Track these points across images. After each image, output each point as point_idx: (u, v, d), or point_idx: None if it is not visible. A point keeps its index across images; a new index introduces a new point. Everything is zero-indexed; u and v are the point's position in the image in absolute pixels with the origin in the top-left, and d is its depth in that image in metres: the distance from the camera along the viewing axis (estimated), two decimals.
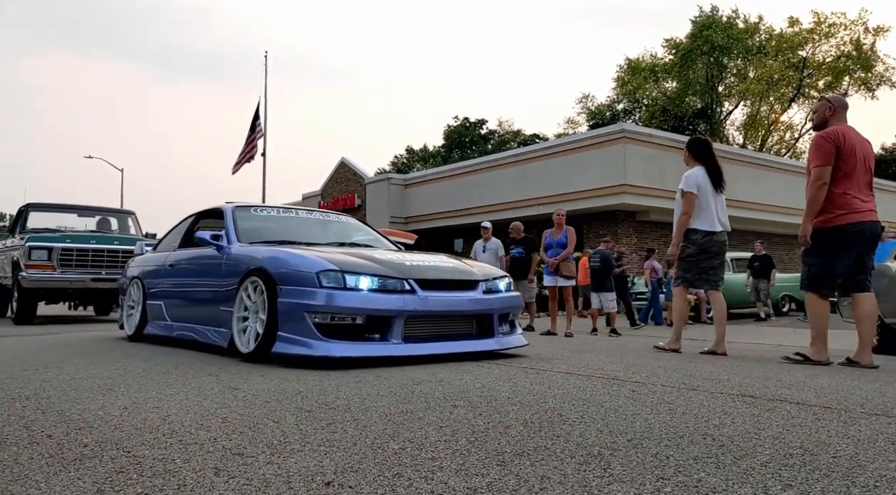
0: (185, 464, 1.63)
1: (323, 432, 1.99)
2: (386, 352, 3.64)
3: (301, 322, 3.59)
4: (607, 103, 37.87)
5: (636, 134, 16.76)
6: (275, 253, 4.07)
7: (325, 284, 3.59)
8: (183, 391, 2.79)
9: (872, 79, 31.30)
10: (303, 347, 3.57)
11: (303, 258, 3.82)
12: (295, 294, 3.65)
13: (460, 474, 1.55)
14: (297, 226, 5.27)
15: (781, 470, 1.59)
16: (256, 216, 5.19)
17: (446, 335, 3.97)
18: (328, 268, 3.66)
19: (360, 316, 3.63)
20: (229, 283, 4.26)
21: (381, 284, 3.72)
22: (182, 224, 5.90)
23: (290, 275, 3.72)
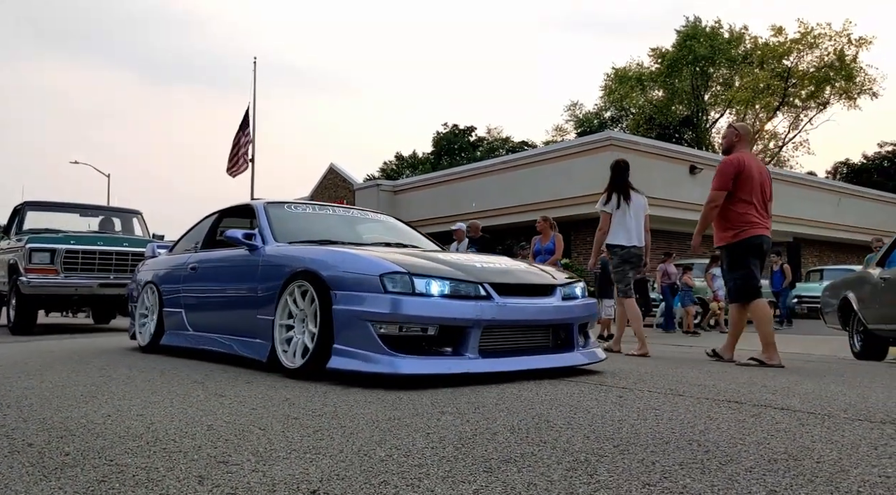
0: (168, 473, 1.61)
1: (309, 439, 1.98)
2: (462, 369, 3.12)
3: (362, 333, 3.11)
4: (595, 111, 38.13)
5: (623, 141, 16.88)
6: (327, 253, 3.57)
7: (391, 289, 3.12)
8: (168, 398, 2.76)
9: (854, 88, 31.74)
10: (365, 362, 3.08)
11: (363, 259, 3.35)
12: (355, 300, 3.16)
13: (447, 481, 1.54)
14: (335, 224, 4.76)
15: (766, 476, 1.60)
16: (291, 213, 4.62)
17: (523, 348, 3.48)
18: (394, 269, 3.18)
19: (433, 325, 3.14)
20: (268, 288, 3.76)
21: (453, 289, 3.23)
22: (202, 224, 5.33)
23: (349, 278, 3.24)
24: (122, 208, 10.79)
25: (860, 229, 20.43)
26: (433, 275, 3.24)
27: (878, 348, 6.28)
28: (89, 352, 5.12)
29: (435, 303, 3.16)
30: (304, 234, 4.26)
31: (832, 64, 31.44)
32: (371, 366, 3.06)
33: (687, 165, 16.72)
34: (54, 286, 8.21)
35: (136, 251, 8.60)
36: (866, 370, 4.39)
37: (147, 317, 5.32)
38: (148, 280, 5.44)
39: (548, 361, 3.47)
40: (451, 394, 2.87)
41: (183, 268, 4.91)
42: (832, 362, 5.17)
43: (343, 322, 3.18)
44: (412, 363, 3.07)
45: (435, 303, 3.16)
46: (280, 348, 3.56)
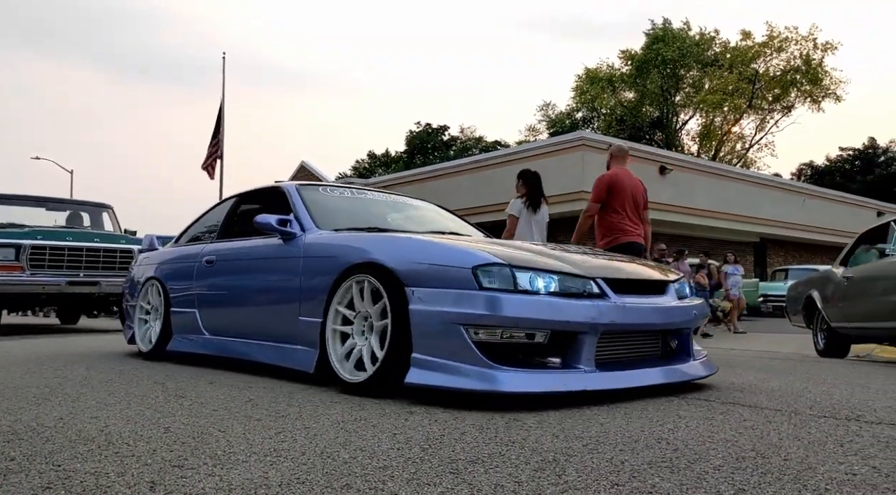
0: (119, 478, 1.53)
1: (271, 441, 1.92)
2: (578, 385, 2.54)
3: (452, 339, 2.53)
4: (567, 112, 38.42)
5: (595, 141, 17.01)
6: (396, 241, 2.98)
7: (488, 285, 2.53)
8: (125, 400, 2.66)
9: (818, 92, 32.49)
10: (455, 377, 2.50)
11: (448, 248, 2.77)
12: (439, 299, 2.59)
13: (412, 484, 1.49)
14: (376, 209, 4.20)
15: (734, 474, 1.59)
16: (327, 196, 4.00)
17: (633, 359, 2.92)
18: (490, 261, 2.59)
19: (543, 331, 2.56)
20: (314, 285, 3.15)
21: (562, 285, 2.65)
22: (215, 211, 4.66)
23: (430, 272, 2.67)
24: (91, 202, 10.17)
25: (824, 230, 20.91)
26: (538, 267, 2.65)
27: (841, 346, 6.41)
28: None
29: (544, 302, 2.56)
30: (345, 221, 3.66)
31: (798, 67, 32.15)
32: (463, 381, 2.48)
33: (657, 166, 16.91)
34: (20, 284, 7.73)
35: (107, 247, 8.21)
36: (830, 367, 4.46)
37: (149, 317, 4.66)
38: (150, 276, 4.70)
39: (668, 374, 2.89)
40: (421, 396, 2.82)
41: (195, 261, 4.23)
42: (797, 360, 5.24)
43: (424, 326, 2.60)
44: (517, 378, 2.47)
45: (544, 302, 2.56)
46: (334, 357, 2.95)
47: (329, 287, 3.03)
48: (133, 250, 8.48)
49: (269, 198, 4.15)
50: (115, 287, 8.24)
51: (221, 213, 4.50)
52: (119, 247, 8.37)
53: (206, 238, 4.49)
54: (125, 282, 5.35)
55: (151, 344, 4.47)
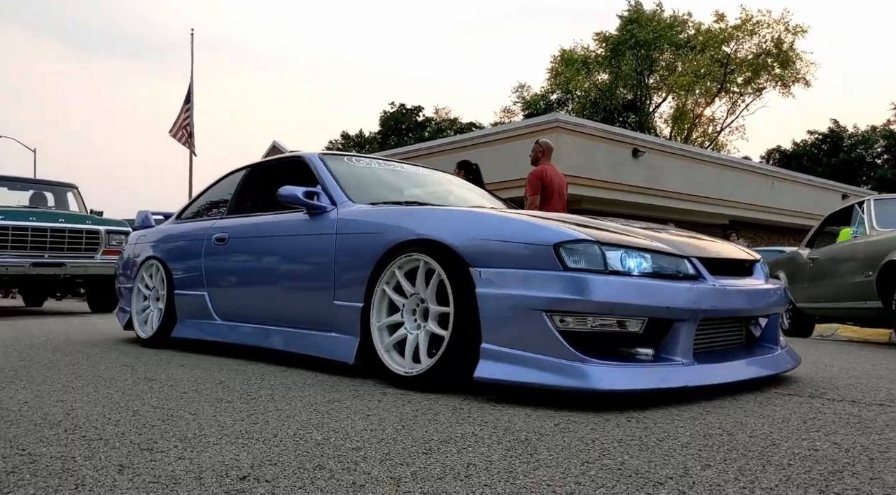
0: (86, 462, 1.51)
1: (243, 423, 1.90)
2: (679, 381, 2.21)
3: (531, 328, 2.20)
4: (542, 94, 38.39)
5: (570, 124, 17.05)
6: (457, 215, 2.64)
7: (574, 265, 2.20)
8: (93, 383, 2.62)
9: (788, 76, 32.93)
10: (537, 371, 2.17)
11: (522, 223, 2.41)
12: (514, 281, 2.26)
13: (384, 464, 1.50)
14: (408, 182, 3.86)
15: (701, 451, 1.62)
16: (354, 167, 3.63)
17: (719, 349, 2.58)
18: (576, 236, 2.25)
19: (639, 318, 2.23)
20: (353, 265, 2.84)
21: (656, 266, 2.31)
22: (223, 183, 4.26)
23: (501, 250, 2.33)
24: (55, 182, 9.88)
25: (792, 212, 21.32)
26: (628, 245, 2.31)
27: (805, 325, 6.57)
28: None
29: (640, 285, 2.24)
30: (378, 194, 3.34)
31: (769, 51, 32.52)
32: (547, 376, 2.15)
33: (630, 148, 17.04)
34: None
35: (73, 228, 8.03)
36: (794, 347, 4.57)
37: (148, 301, 4.29)
38: (149, 255, 4.30)
39: (760, 367, 2.60)
40: None
41: (203, 239, 3.86)
42: None
43: (495, 312, 2.28)
44: (610, 374, 2.13)
45: (640, 285, 2.24)
46: (382, 346, 2.64)
47: (372, 267, 2.72)
48: (100, 231, 8.33)
49: (286, 169, 3.82)
50: (81, 268, 8.10)
51: (230, 187, 4.10)
52: (85, 228, 8.22)
53: (213, 214, 4.13)
54: (118, 261, 4.96)
55: (153, 330, 4.09)
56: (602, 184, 15.80)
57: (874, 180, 30.00)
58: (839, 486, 1.35)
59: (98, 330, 5.48)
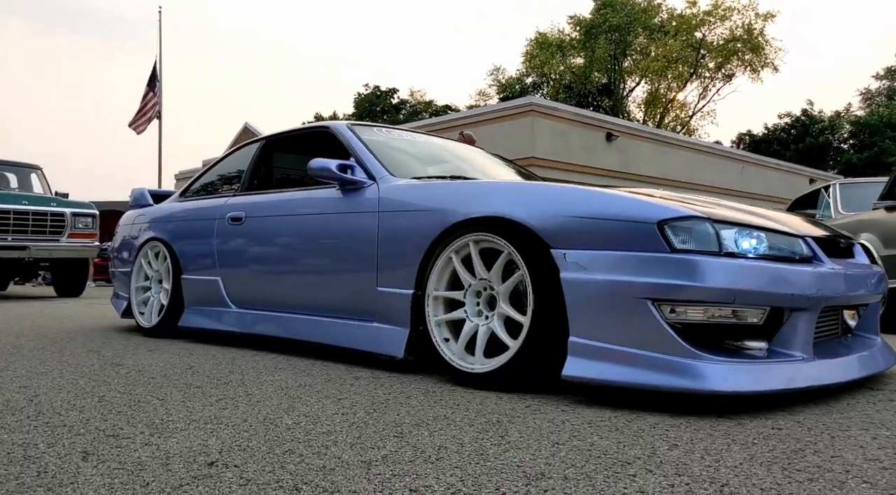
0: (49, 449, 1.48)
1: (212, 409, 1.88)
2: (806, 380, 1.94)
3: (634, 319, 1.91)
4: (517, 77, 38.33)
5: (544, 108, 17.06)
6: (531, 189, 2.30)
7: (682, 246, 1.90)
8: (58, 368, 2.56)
9: (758, 62, 33.32)
10: (641, 370, 1.88)
11: (615, 198, 2.07)
12: (609, 265, 1.96)
13: (355, 447, 1.49)
14: (443, 155, 3.54)
15: (669, 431, 1.64)
16: (387, 138, 3.32)
17: (822, 342, 2.23)
18: (684, 213, 1.94)
19: (761, 308, 1.94)
20: (401, 247, 2.54)
21: (770, 246, 2.01)
22: (235, 157, 3.92)
23: (590, 229, 2.02)
24: (18, 162, 9.56)
25: (761, 196, 21.70)
26: (740, 223, 2.01)
27: None
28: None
29: (761, 269, 1.93)
30: (417, 167, 3.08)
31: (739, 36, 32.83)
32: (654, 376, 1.86)
33: (604, 132, 17.13)
34: None
35: (37, 210, 7.85)
36: None
37: (150, 287, 3.97)
38: (151, 236, 3.94)
39: (867, 363, 2.24)
40: (367, 359, 2.82)
41: (215, 218, 3.53)
42: None
43: (586, 301, 1.98)
44: (731, 373, 1.84)
45: (761, 269, 1.93)
46: (440, 339, 2.35)
47: (424, 250, 2.43)
48: (65, 213, 8.15)
49: (308, 142, 3.51)
50: (46, 252, 7.92)
51: (243, 161, 3.75)
52: (50, 211, 8.03)
53: (225, 191, 3.79)
54: (112, 243, 4.58)
55: (156, 318, 3.78)
56: (576, 167, 15.87)
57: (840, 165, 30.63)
58: (801, 463, 1.38)
59: (64, 314, 5.37)
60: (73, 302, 7.54)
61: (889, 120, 29.76)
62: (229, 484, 1.25)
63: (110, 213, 11.55)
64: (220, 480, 1.27)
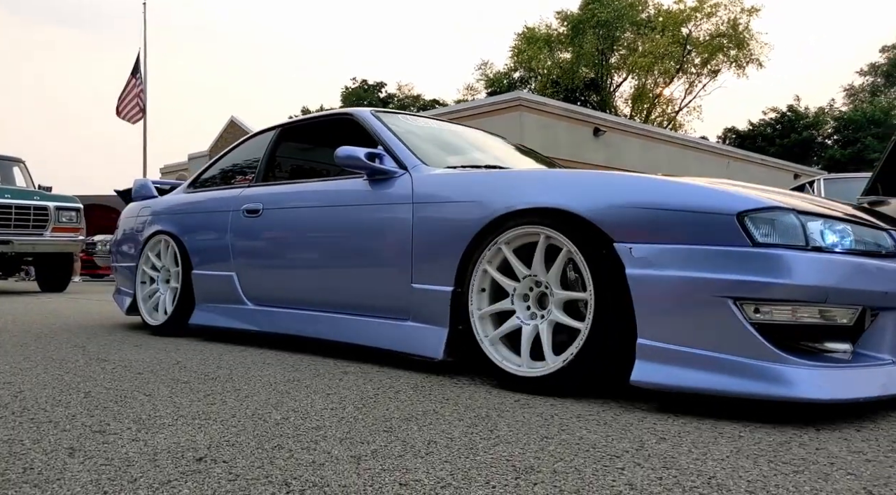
0: (34, 445, 1.46)
1: (199, 404, 1.87)
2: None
3: (711, 319, 1.75)
4: (505, 71, 38.31)
5: (532, 102, 17.08)
6: (587, 178, 2.14)
7: (765, 239, 1.74)
8: (42, 364, 2.54)
9: (743, 57, 33.53)
10: (722, 375, 1.73)
11: (687, 187, 1.91)
12: (681, 260, 1.80)
13: (345, 443, 1.49)
14: (472, 144, 3.37)
15: (657, 424, 1.66)
16: (413, 125, 3.15)
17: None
18: (766, 204, 1.79)
19: (852, 307, 1.79)
20: (439, 240, 2.38)
21: (858, 241, 1.86)
22: (246, 147, 3.74)
23: (659, 221, 1.86)
24: (1, 155, 9.36)
25: None
26: (826, 214, 1.86)
27: None
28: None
29: (852, 265, 1.79)
30: (447, 157, 2.93)
31: (724, 32, 33.01)
32: (735, 381, 1.71)
33: (591, 127, 17.18)
34: None
35: (20, 204, 7.71)
36: None
37: (156, 283, 3.78)
38: (157, 229, 3.76)
39: None
40: (356, 353, 2.82)
41: (229, 210, 3.36)
42: None
43: (655, 299, 1.83)
44: (823, 378, 1.70)
45: (852, 265, 1.79)
46: (485, 340, 2.19)
47: (466, 244, 2.27)
48: (49, 207, 8.04)
49: (328, 130, 3.34)
50: (29, 246, 7.82)
51: (257, 151, 3.56)
52: (33, 204, 7.92)
53: (238, 182, 3.61)
54: (113, 237, 4.35)
55: (165, 315, 3.59)
56: (563, 162, 15.86)
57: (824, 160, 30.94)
58: (787, 456, 1.40)
59: (47, 309, 5.32)
60: (58, 297, 7.47)
61: (872, 116, 30.09)
62: (218, 479, 1.24)
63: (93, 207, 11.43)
64: (208, 476, 1.26)
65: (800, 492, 1.18)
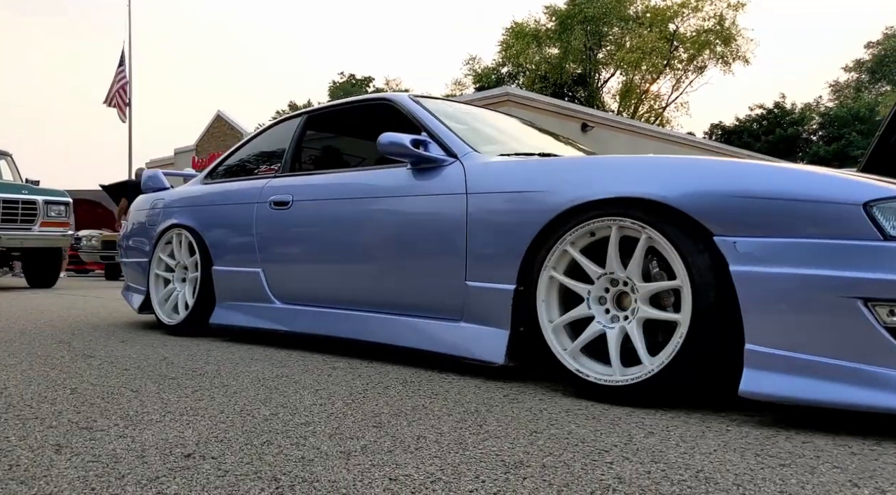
0: (20, 442, 1.45)
1: (187, 400, 1.86)
2: None
3: (835, 323, 1.58)
4: (493, 66, 38.28)
5: (520, 97, 17.08)
6: (677, 163, 1.89)
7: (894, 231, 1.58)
8: (27, 360, 2.51)
9: (729, 54, 33.72)
10: (850, 387, 1.54)
11: (803, 175, 1.72)
12: (797, 255, 1.62)
13: (334, 438, 1.49)
14: (510, 129, 3.16)
15: (645, 419, 1.67)
16: (456, 111, 2.97)
17: None
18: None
19: None
20: (499, 235, 2.18)
21: None
22: (269, 135, 3.53)
23: (770, 211, 1.67)
24: None
25: None
26: None
27: None
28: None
29: None
30: (495, 144, 2.72)
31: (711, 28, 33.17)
32: (866, 393, 1.53)
33: (579, 123, 17.22)
34: None
35: (8, 198, 7.53)
36: None
37: (172, 279, 3.57)
38: (173, 222, 3.54)
39: None
40: (343, 349, 2.81)
41: (255, 202, 3.14)
42: None
43: (767, 300, 1.64)
44: None
45: None
46: (558, 345, 1.99)
47: (531, 238, 2.08)
48: (37, 201, 7.88)
49: (360, 115, 3.16)
50: (17, 241, 7.68)
51: (282, 139, 3.34)
52: (21, 198, 7.77)
53: (262, 172, 3.41)
54: (123, 230, 4.14)
55: (183, 314, 3.38)
56: None
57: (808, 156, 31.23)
58: (774, 449, 1.41)
59: (32, 305, 5.26)
60: (43, 292, 7.38)
61: (857, 112, 30.39)
62: (207, 475, 1.24)
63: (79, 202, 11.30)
64: (197, 472, 1.26)
65: (786, 485, 1.19)
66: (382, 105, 2.93)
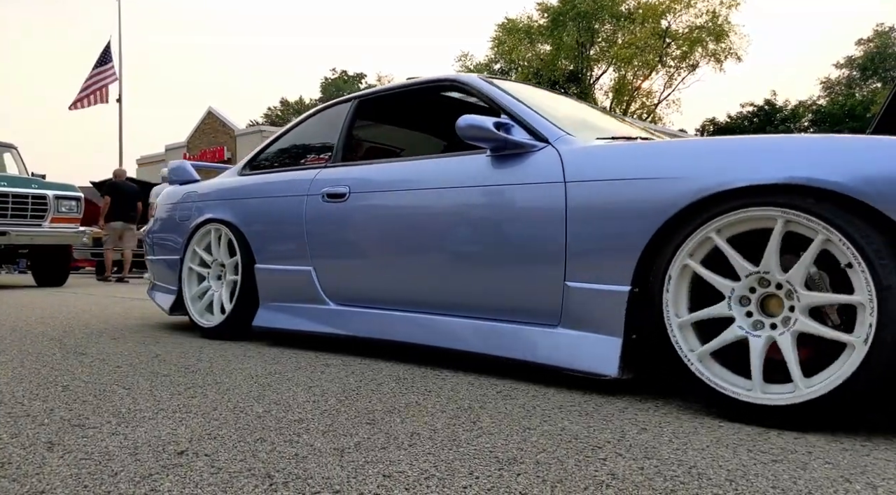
0: (12, 440, 1.44)
1: (180, 397, 1.85)
2: None
3: None
4: (485, 63, 38.25)
5: None
6: (852, 142, 1.58)
7: None
8: (18, 357, 2.49)
9: (721, 51, 33.83)
10: None
11: None
12: None
13: (328, 435, 1.49)
14: (582, 111, 2.89)
15: (638, 415, 1.68)
16: (534, 92, 2.74)
17: None
18: None
19: None
20: (606, 229, 1.92)
21: None
22: (315, 123, 3.24)
23: None
24: None
25: None
26: None
27: None
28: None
29: None
30: (584, 128, 2.43)
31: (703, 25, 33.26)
32: None
33: None
34: None
35: (17, 192, 7.21)
36: None
37: (207, 280, 3.31)
38: (208, 217, 3.26)
39: None
40: (335, 346, 2.80)
41: (304, 194, 2.88)
42: None
43: None
44: None
45: None
46: (684, 344, 1.73)
47: (652, 232, 1.81)
48: (48, 196, 7.51)
49: (418, 99, 2.91)
50: (27, 237, 7.34)
51: (330, 127, 3.07)
52: (31, 193, 7.39)
53: (310, 161, 3.14)
54: (150, 226, 3.80)
55: (221, 315, 3.12)
56: None
57: None
58: (766, 445, 1.42)
59: (24, 302, 5.23)
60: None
61: (850, 109, 30.58)
62: (200, 472, 1.23)
63: None
64: (190, 469, 1.25)
65: (779, 481, 1.20)
66: (448, 87, 2.67)
